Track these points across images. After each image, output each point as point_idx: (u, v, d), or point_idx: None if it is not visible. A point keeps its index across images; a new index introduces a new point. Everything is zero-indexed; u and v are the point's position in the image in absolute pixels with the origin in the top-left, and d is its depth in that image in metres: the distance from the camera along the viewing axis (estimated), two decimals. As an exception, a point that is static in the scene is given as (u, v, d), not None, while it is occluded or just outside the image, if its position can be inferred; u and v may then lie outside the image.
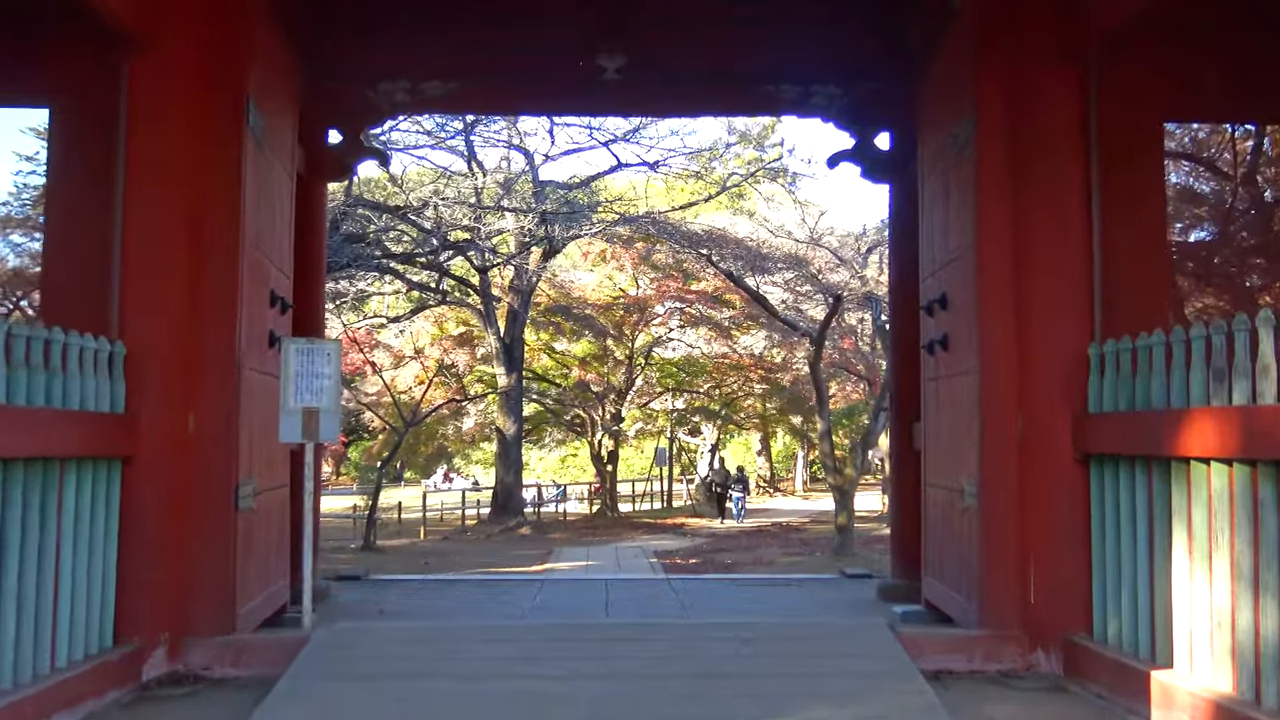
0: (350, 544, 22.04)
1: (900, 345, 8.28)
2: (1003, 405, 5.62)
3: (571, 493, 41.10)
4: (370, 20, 7.79)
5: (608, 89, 8.07)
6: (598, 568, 17.38)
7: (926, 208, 7.15)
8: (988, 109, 5.74)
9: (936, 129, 6.93)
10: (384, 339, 32.35)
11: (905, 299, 8.22)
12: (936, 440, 6.91)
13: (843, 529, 18.68)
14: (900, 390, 8.31)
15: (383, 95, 7.92)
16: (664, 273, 30.95)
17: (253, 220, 5.78)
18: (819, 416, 19.00)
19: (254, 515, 5.88)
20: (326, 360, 5.84)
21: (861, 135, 8.38)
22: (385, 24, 7.81)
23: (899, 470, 8.33)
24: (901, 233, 8.27)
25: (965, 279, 6.02)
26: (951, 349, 6.45)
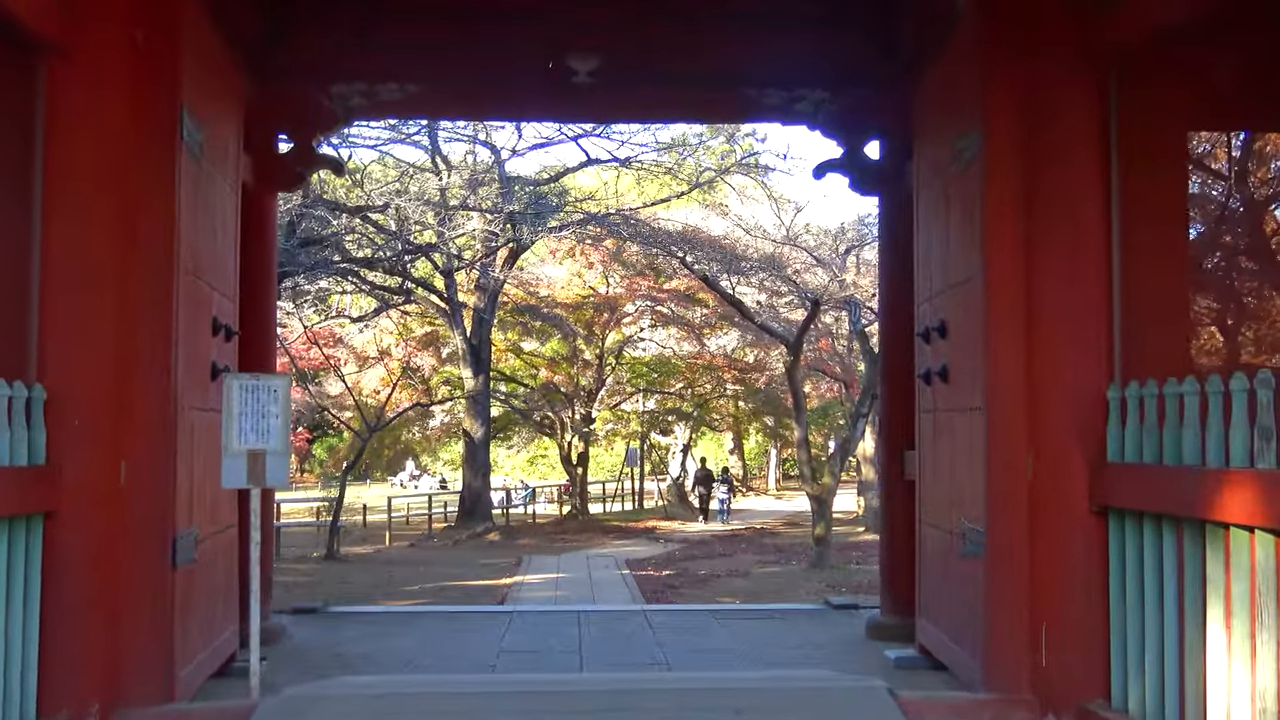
0: (313, 552, 21.50)
1: (891, 369, 7.90)
2: (1012, 448, 5.22)
3: (541, 492, 40.67)
4: (322, 18, 7.32)
5: (579, 93, 7.63)
6: (569, 582, 16.97)
7: (923, 225, 6.76)
8: (997, 121, 5.33)
9: (934, 140, 6.53)
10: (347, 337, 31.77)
11: (897, 320, 7.83)
12: (934, 476, 6.52)
13: (821, 540, 18.36)
14: (890, 416, 7.94)
15: (336, 99, 7.43)
16: (635, 270, 30.56)
17: (190, 243, 5.30)
18: (796, 423, 18.67)
19: (195, 568, 5.41)
20: (274, 397, 5.37)
21: (850, 144, 7.97)
22: (338, 22, 7.33)
23: (889, 499, 7.95)
24: (893, 249, 7.87)
25: (970, 308, 5.62)
26: (953, 382, 6.06)
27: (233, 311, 6.30)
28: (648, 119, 12.41)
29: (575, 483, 33.32)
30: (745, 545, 25.80)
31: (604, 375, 32.38)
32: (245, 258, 6.99)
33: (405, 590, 16.44)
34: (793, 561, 21.26)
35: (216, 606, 6.00)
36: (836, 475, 18.81)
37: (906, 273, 7.71)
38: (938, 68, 6.41)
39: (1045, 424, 5.19)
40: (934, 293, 6.44)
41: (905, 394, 7.70)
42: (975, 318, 5.53)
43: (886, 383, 8.00)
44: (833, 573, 18.37)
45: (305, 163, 7.52)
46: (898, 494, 7.76)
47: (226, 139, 6.18)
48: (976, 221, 5.47)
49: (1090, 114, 5.23)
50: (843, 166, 8.01)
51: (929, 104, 6.68)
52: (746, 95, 7.83)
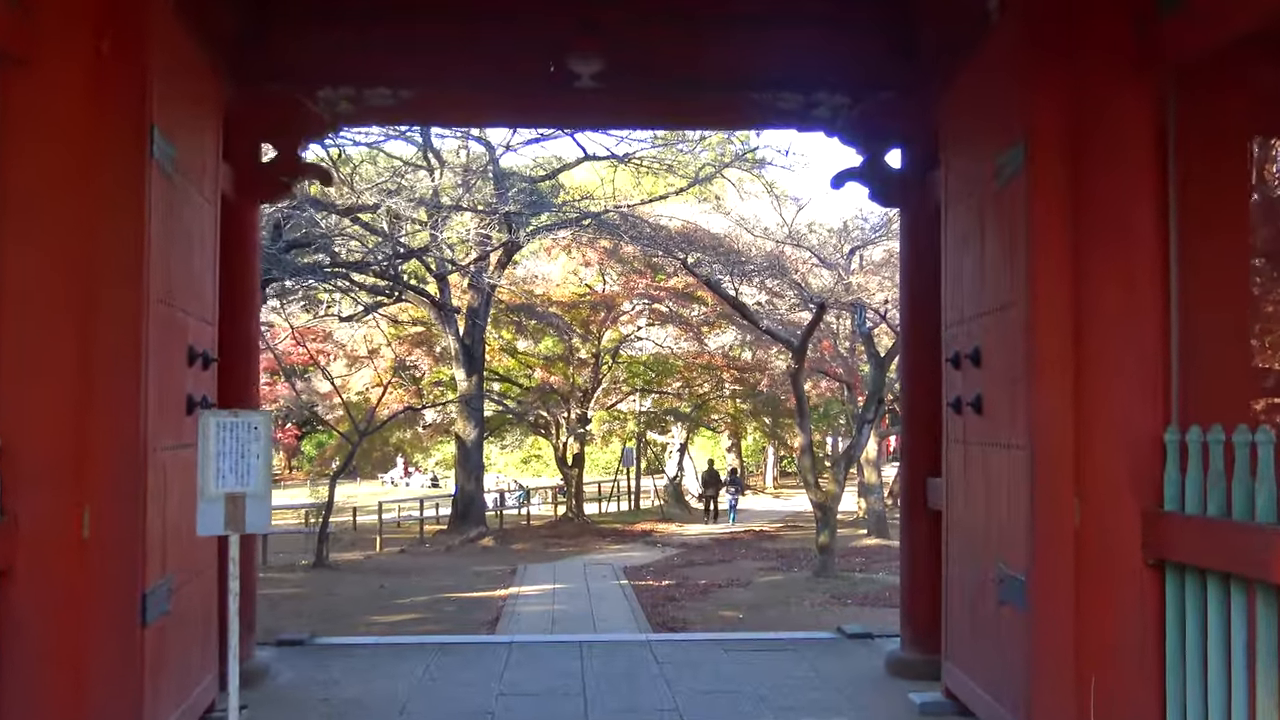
0: (301, 559, 21.10)
1: (914, 392, 7.53)
2: (1058, 492, 4.84)
3: (536, 493, 40.30)
4: (306, 18, 6.93)
5: (581, 98, 7.25)
6: (566, 595, 16.60)
7: (953, 244, 6.37)
8: (1044, 134, 4.94)
9: (967, 152, 6.14)
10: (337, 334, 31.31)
11: (920, 341, 7.45)
12: (964, 511, 6.15)
13: (825, 549, 17.99)
14: (913, 441, 7.55)
15: (323, 104, 7.03)
16: (632, 268, 30.14)
17: (162, 266, 4.90)
18: (799, 429, 18.28)
19: (169, 620, 5.02)
20: (254, 435, 4.97)
21: (871, 152, 7.59)
22: (324, 23, 6.94)
23: (910, 528, 7.57)
24: (916, 265, 7.50)
25: (1010, 336, 5.24)
26: (987, 414, 5.68)
27: (212, 336, 5.90)
28: (654, 124, 11.91)
29: (570, 484, 32.93)
30: (745, 550, 25.43)
31: (600, 375, 31.98)
32: (225, 275, 6.59)
33: (397, 603, 16.06)
34: (795, 568, 20.90)
35: (193, 654, 5.61)
36: (841, 482, 18.45)
37: (932, 291, 7.33)
38: (970, 73, 6.02)
39: (1094, 466, 4.82)
40: (966, 317, 6.05)
41: (929, 419, 7.33)
42: (1016, 347, 5.15)
43: (909, 406, 7.62)
44: (838, 582, 18.02)
45: (290, 171, 7.12)
46: (920, 523, 7.40)
47: (203, 150, 5.78)
48: (1019, 243, 5.09)
49: (1146, 124, 4.84)
50: (862, 176, 7.63)
51: (959, 112, 6.28)
52: (759, 100, 7.45)
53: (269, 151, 7.24)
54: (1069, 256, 4.92)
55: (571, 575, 19.39)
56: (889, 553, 23.15)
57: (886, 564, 21.20)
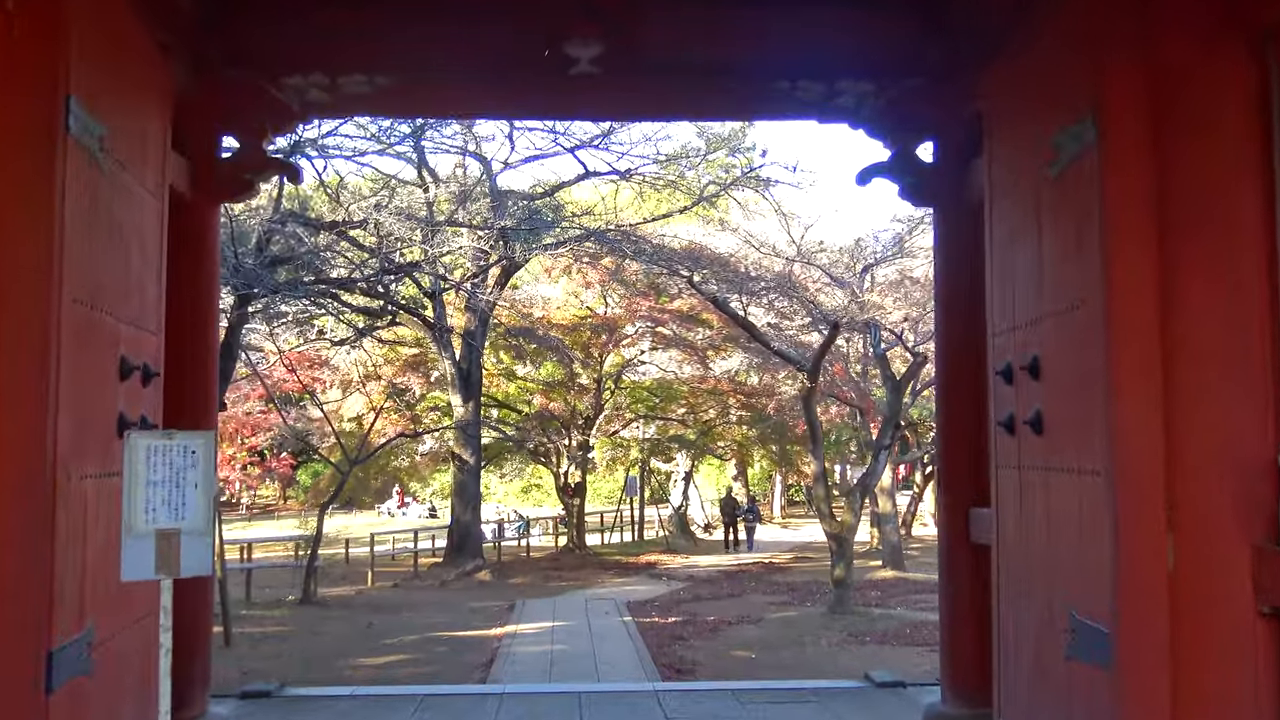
0: (289, 594, 20.31)
1: (953, 411, 6.82)
2: (1146, 526, 4.12)
3: (536, 523, 39.50)
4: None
5: (580, 86, 6.58)
6: (566, 634, 15.80)
7: (1001, 241, 5.67)
8: (1118, 105, 4.25)
9: (1017, 137, 5.46)
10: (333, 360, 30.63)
11: (958, 353, 6.77)
12: (1020, 547, 5.41)
13: (840, 583, 17.21)
14: (951, 466, 6.84)
15: (291, 92, 6.36)
16: (635, 289, 29.49)
17: (83, 264, 4.21)
18: (812, 456, 17.54)
19: (90, 681, 4.30)
20: (192, 461, 4.26)
21: (899, 145, 6.91)
22: (293, 2, 6.28)
23: (951, 564, 6.84)
24: (952, 269, 6.81)
25: (1079, 341, 4.54)
26: (1049, 434, 4.96)
27: (155, 347, 5.21)
28: (657, 115, 11.10)
29: (571, 514, 32.13)
30: (754, 583, 24.62)
31: (602, 401, 31.23)
32: (177, 280, 5.92)
33: (386, 643, 15.28)
34: (808, 603, 20.11)
35: (125, 712, 4.88)
36: (857, 512, 17.67)
37: (971, 297, 6.66)
38: (1019, 46, 5.34)
39: (1190, 494, 4.09)
40: (1020, 322, 5.34)
41: (970, 441, 6.66)
42: (1088, 354, 4.44)
43: (946, 427, 6.90)
44: (855, 619, 17.22)
45: (254, 167, 6.44)
46: (962, 559, 6.68)
47: (146, 137, 5.10)
48: (1090, 232, 4.38)
49: (1242, 88, 4.15)
50: (890, 171, 6.95)
51: (1006, 92, 5.60)
52: (776, 88, 6.77)
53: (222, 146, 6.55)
54: (1153, 245, 4.21)
55: (572, 611, 18.59)
56: (906, 586, 22.37)
57: (904, 597, 20.42)
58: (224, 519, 46.61)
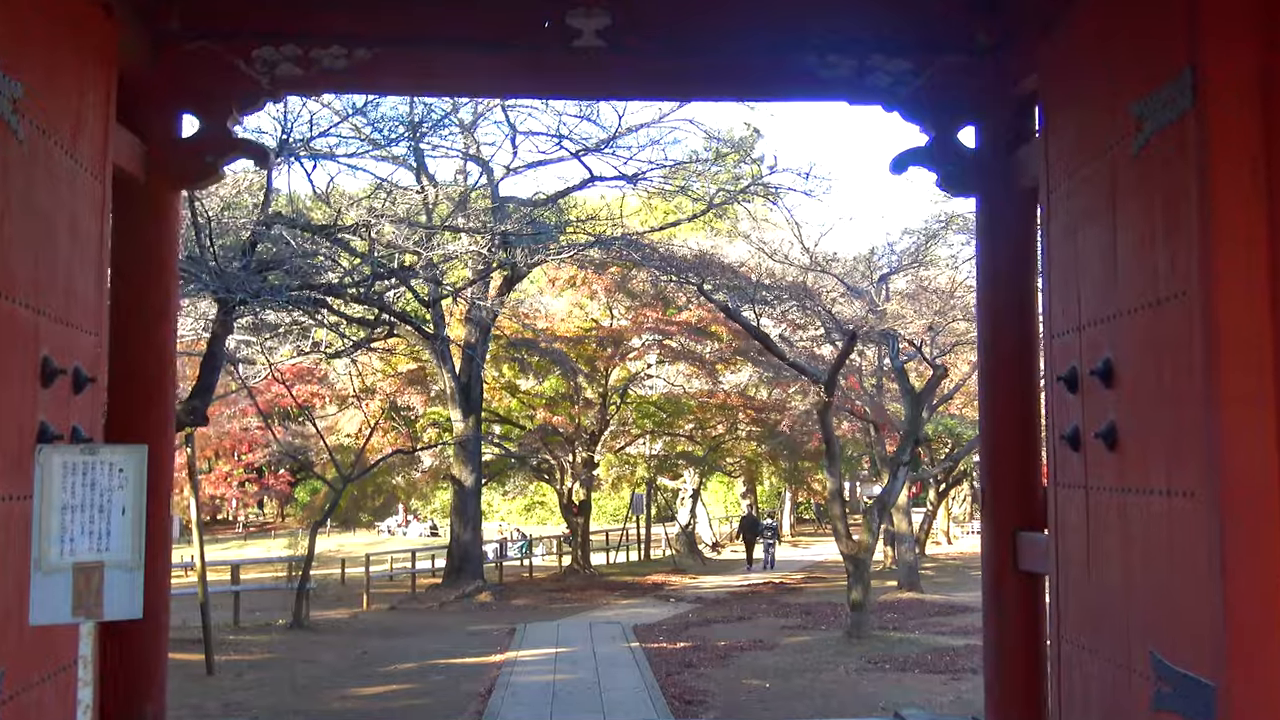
0: (279, 618, 19.64)
1: (998, 423, 6.17)
2: (1259, 559, 3.47)
3: (539, 542, 38.83)
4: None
5: (584, 61, 5.95)
6: (570, 661, 15.12)
7: (1060, 233, 5.04)
8: (1226, 61, 3.61)
9: (1081, 113, 4.83)
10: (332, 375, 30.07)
11: (1003, 358, 6.14)
12: (1088, 579, 4.76)
13: (858, 606, 16.52)
14: (997, 484, 6.18)
15: (260, 66, 5.74)
16: (642, 301, 28.88)
17: (-6, 248, 3.58)
18: (828, 473, 16.87)
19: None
20: (120, 481, 3.63)
21: (938, 129, 6.27)
22: (261, -38, 5.68)
23: (996, 595, 6.17)
24: (998, 268, 6.17)
25: (1167, 341, 3.90)
26: (1125, 449, 4.31)
27: (93, 349, 4.58)
28: (671, 94, 10.40)
29: (576, 533, 31.45)
30: (765, 605, 23.92)
31: (607, 416, 30.57)
32: (129, 275, 5.34)
33: (380, 671, 14.60)
34: (823, 626, 19.42)
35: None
36: (875, 532, 16.98)
37: (1019, 297, 6.09)
38: (1086, 12, 4.72)
39: (1311, 523, 3.44)
40: (1087, 321, 4.70)
41: (1017, 457, 6.05)
42: (1180, 354, 3.80)
43: (990, 441, 6.25)
44: (873, 643, 16.53)
45: (218, 149, 5.81)
46: (1008, 589, 6.03)
47: (81, 105, 4.49)
48: (1184, 212, 3.74)
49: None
50: (928, 157, 6.30)
51: (1069, 65, 4.98)
52: (802, 65, 6.14)
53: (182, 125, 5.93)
54: (1263, 222, 3.57)
55: (576, 636, 17.91)
56: (924, 608, 21.67)
57: (922, 621, 19.73)
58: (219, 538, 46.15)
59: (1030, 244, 6.08)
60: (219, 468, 42.33)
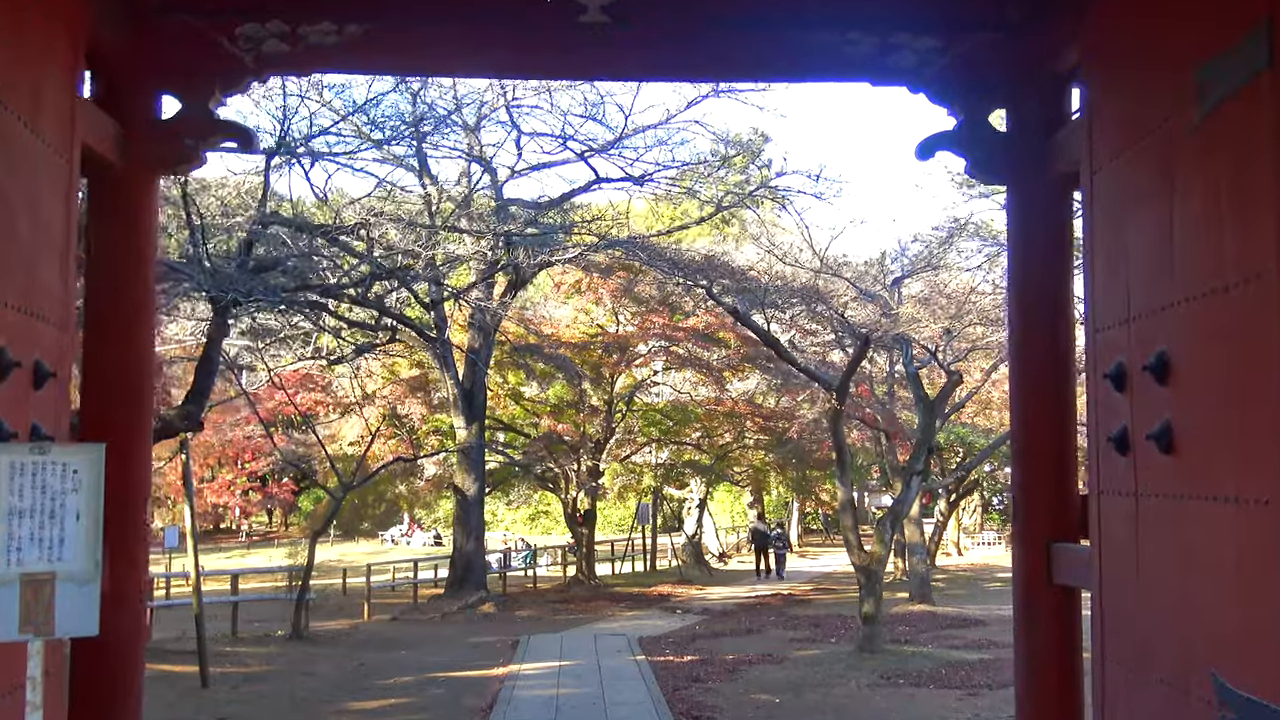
0: (278, 629, 19.28)
1: (1030, 425, 5.79)
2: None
3: (544, 552, 38.44)
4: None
5: (588, 39, 5.60)
6: (573, 675, 14.76)
7: (1106, 217, 4.68)
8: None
9: (1132, 86, 4.49)
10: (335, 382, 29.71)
11: (1035, 355, 5.75)
12: (1139, 596, 4.39)
13: (870, 619, 16.13)
14: (1029, 491, 5.80)
15: (244, 44, 5.40)
16: (648, 307, 28.54)
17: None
18: (839, 482, 16.50)
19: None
20: (75, 483, 3.28)
21: (967, 111, 5.89)
22: (246, -69, 5.34)
23: (1028, 610, 5.79)
24: (1031, 258, 5.79)
25: (1237, 331, 3.54)
26: (1186, 452, 3.94)
27: (54, 343, 4.23)
28: (680, 75, 9.89)
29: (581, 543, 31.06)
30: (773, 617, 23.53)
31: (613, 424, 30.19)
32: (106, 265, 5.02)
33: (379, 684, 14.26)
34: (833, 639, 19.04)
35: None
36: (888, 543, 16.60)
37: (1053, 288, 5.73)
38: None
39: None
40: (1138, 313, 4.34)
41: (1053, 461, 5.67)
42: (1252, 346, 3.43)
43: (1023, 444, 5.87)
44: (886, 657, 16.15)
45: (200, 132, 5.46)
46: (1042, 604, 5.63)
47: (39, 75, 4.15)
48: (1261, 186, 3.38)
49: None
50: (956, 142, 5.93)
51: (1118, 36, 4.64)
52: (822, 43, 5.77)
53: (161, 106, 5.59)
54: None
55: (581, 648, 17.54)
56: (936, 621, 21.27)
57: (935, 634, 19.34)
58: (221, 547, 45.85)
59: (1066, 232, 5.73)
60: (222, 476, 42.06)
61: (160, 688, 12.40)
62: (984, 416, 34.16)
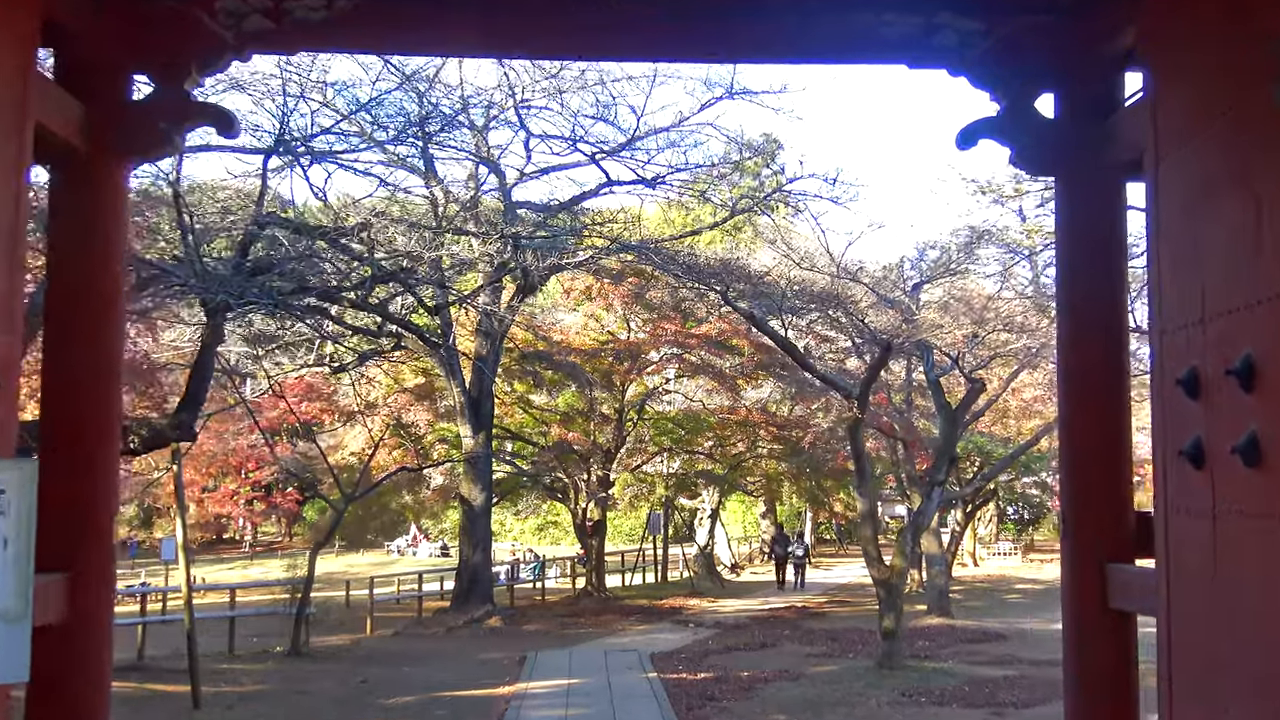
0: (276, 645, 18.85)
1: (1079, 435, 5.34)
2: None
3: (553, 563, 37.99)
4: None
5: (595, 15, 5.18)
6: (583, 694, 14.33)
7: (1175, 209, 4.23)
8: None
9: (1202, 65, 4.04)
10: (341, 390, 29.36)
11: (1090, 361, 5.30)
12: (1213, 628, 3.93)
13: (891, 634, 15.67)
14: (1079, 506, 5.34)
15: (224, 19, 4.97)
16: (660, 314, 28.13)
17: None
18: (858, 493, 16.03)
19: None
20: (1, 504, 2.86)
21: (1012, 96, 5.43)
22: (224, -106, 4.93)
23: (1079, 636, 5.31)
24: (1082, 256, 5.34)
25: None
26: (1272, 465, 3.49)
27: (6, 347, 3.80)
28: (692, 55, 9.29)
29: (590, 554, 30.62)
30: (788, 630, 23.06)
31: (624, 432, 29.75)
32: (69, 260, 4.63)
33: (380, 703, 13.85)
34: (851, 654, 18.58)
35: None
36: (908, 556, 16.15)
37: (1107, 288, 5.25)
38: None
39: None
40: (1215, 312, 3.89)
41: (1107, 475, 5.19)
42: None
43: (1072, 457, 5.41)
44: (907, 674, 15.70)
45: (176, 115, 5.03)
46: (1096, 631, 5.16)
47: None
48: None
49: None
50: (1000, 130, 5.47)
51: (1184, 12, 4.19)
52: (859, 23, 5.33)
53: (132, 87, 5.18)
54: None
55: (590, 665, 17.10)
56: (956, 635, 20.80)
57: (956, 649, 18.88)
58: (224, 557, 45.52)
59: (1121, 227, 5.27)
60: (225, 485, 41.75)
61: (150, 709, 12.02)
62: (1000, 425, 33.66)
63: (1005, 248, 19.12)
